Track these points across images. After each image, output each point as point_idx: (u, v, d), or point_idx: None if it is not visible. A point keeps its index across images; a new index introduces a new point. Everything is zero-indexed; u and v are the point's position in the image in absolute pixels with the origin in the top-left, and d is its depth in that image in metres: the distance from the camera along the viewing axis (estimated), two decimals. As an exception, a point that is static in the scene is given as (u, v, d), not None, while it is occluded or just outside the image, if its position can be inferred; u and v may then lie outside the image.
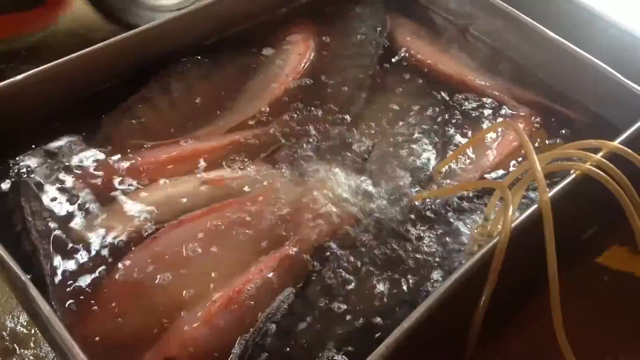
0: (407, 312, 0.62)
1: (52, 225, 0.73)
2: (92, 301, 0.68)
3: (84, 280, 0.70)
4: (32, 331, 0.97)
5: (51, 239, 0.72)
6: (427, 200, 0.80)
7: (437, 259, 0.74)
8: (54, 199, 0.76)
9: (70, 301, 0.68)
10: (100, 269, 0.70)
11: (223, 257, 0.72)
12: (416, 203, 0.78)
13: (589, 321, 0.78)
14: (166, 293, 0.69)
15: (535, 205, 0.64)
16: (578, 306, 0.69)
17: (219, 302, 0.66)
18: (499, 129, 0.88)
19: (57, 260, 0.71)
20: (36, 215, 0.73)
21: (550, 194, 0.63)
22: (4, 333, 0.97)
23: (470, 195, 0.81)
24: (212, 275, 0.71)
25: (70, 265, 0.71)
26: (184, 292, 0.69)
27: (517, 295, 0.78)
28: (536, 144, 0.89)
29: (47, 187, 0.78)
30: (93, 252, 0.72)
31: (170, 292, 0.69)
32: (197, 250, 0.72)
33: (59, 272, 0.70)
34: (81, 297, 0.68)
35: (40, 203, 0.75)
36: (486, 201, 0.79)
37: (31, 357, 0.93)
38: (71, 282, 0.69)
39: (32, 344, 0.96)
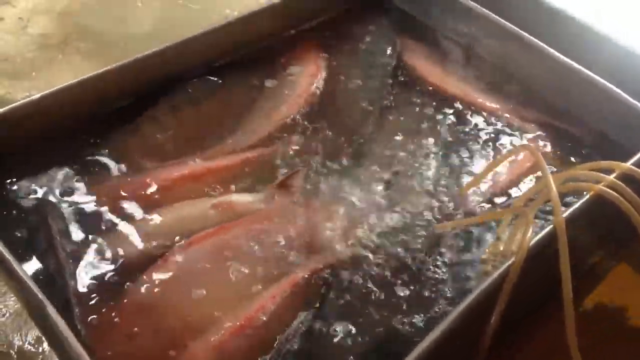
0: (421, 333, 0.62)
1: (72, 246, 0.74)
2: (106, 324, 0.68)
3: (99, 303, 0.70)
4: (40, 349, 0.96)
5: (72, 259, 0.73)
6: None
7: (450, 280, 0.74)
8: (69, 220, 0.77)
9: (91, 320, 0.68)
10: (111, 291, 0.70)
11: (234, 279, 0.72)
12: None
13: (597, 344, 0.77)
14: (177, 318, 0.69)
15: (550, 226, 0.64)
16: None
17: (231, 330, 0.66)
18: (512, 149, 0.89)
19: (79, 280, 0.71)
20: (62, 235, 0.73)
21: (565, 215, 0.63)
22: (12, 351, 0.97)
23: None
24: (223, 297, 0.71)
25: (87, 286, 0.71)
26: (196, 317, 0.69)
27: (525, 316, 0.78)
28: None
29: (62, 207, 0.78)
30: (105, 275, 0.72)
31: (181, 317, 0.69)
32: (206, 273, 0.72)
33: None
34: (96, 320, 0.68)
35: (65, 222, 0.76)
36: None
37: (39, 375, 0.92)
38: (89, 303, 0.70)
39: (39, 363, 0.95)
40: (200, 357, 0.65)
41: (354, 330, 0.68)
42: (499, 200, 0.85)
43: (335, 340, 0.68)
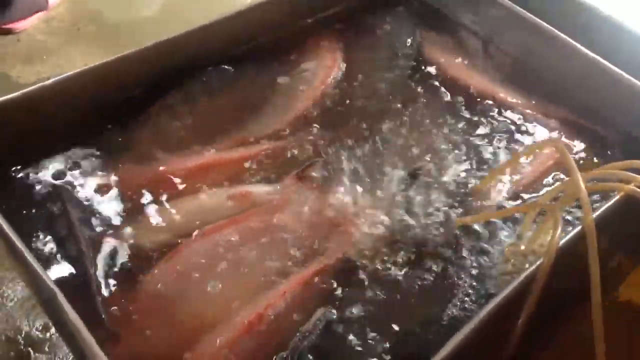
0: (441, 333, 0.61)
1: (91, 233, 0.73)
2: (120, 313, 0.66)
3: (114, 292, 0.68)
4: (47, 335, 0.95)
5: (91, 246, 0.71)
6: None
7: (470, 277, 0.72)
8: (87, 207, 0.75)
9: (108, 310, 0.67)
10: (125, 281, 0.69)
11: (248, 271, 0.71)
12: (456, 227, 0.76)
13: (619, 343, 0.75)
14: (190, 309, 0.67)
15: (579, 227, 0.62)
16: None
17: (239, 327, 0.64)
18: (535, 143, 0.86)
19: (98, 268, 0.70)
20: (82, 222, 0.72)
21: (595, 215, 0.61)
22: (19, 337, 0.96)
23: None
24: (236, 290, 0.69)
25: (104, 274, 0.70)
26: (209, 307, 0.68)
27: (550, 317, 0.76)
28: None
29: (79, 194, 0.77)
30: (120, 264, 0.70)
31: (194, 308, 0.68)
32: (220, 264, 0.71)
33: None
34: (112, 309, 0.67)
35: (83, 210, 0.74)
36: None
37: (46, 362, 0.92)
38: (107, 291, 0.68)
39: (47, 349, 0.94)
40: (209, 355, 0.63)
41: (370, 328, 0.66)
42: (519, 198, 0.83)
43: (351, 337, 0.66)
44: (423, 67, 1.01)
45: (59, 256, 0.69)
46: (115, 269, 0.70)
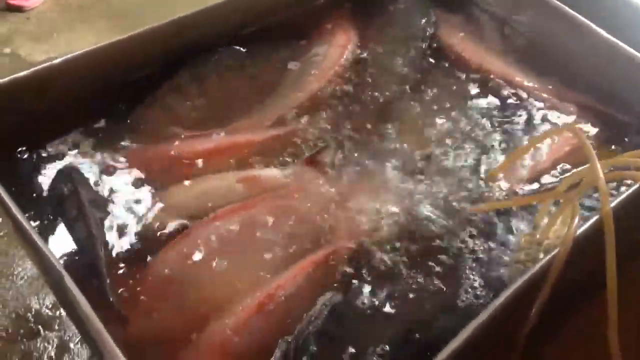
0: (453, 322, 0.59)
1: (101, 214, 0.72)
2: (129, 296, 0.66)
3: (123, 274, 0.68)
4: (57, 313, 0.95)
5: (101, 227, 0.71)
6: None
7: (482, 266, 0.70)
8: (92, 189, 0.74)
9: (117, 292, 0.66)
10: (134, 263, 0.68)
11: (258, 255, 0.70)
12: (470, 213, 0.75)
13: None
14: (199, 292, 0.67)
15: (597, 217, 0.60)
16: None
17: (249, 309, 0.64)
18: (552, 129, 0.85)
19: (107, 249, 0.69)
20: (92, 203, 0.71)
21: (612, 205, 0.60)
22: (29, 314, 0.96)
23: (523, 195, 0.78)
24: (247, 274, 0.68)
25: (114, 256, 0.69)
26: (218, 291, 0.67)
27: (563, 307, 0.75)
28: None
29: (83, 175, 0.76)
30: (130, 246, 0.70)
31: (203, 291, 0.67)
32: (230, 248, 0.70)
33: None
34: (121, 291, 0.66)
35: (93, 191, 0.74)
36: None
37: (55, 340, 0.92)
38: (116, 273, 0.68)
39: (56, 326, 0.94)
40: (217, 340, 0.63)
41: (379, 315, 0.65)
42: (534, 186, 0.81)
43: (360, 323, 0.65)
44: (437, 49, 0.99)
45: (68, 237, 0.68)
46: (125, 251, 0.69)
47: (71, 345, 0.95)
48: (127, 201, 0.74)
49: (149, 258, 0.69)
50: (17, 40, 1.63)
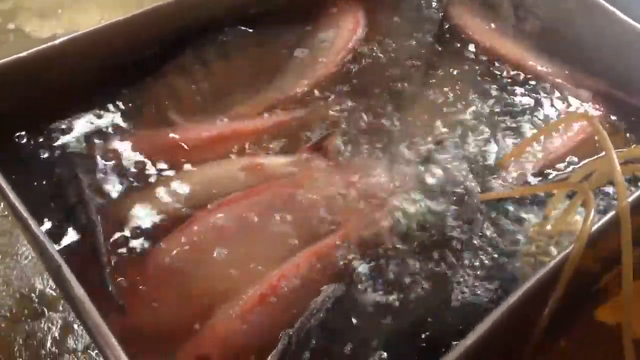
0: (461, 318, 0.58)
1: (102, 201, 0.70)
2: (131, 286, 0.64)
3: (125, 263, 0.66)
4: (62, 294, 0.94)
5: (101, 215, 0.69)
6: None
7: (493, 260, 0.69)
8: (93, 175, 0.73)
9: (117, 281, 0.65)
10: (137, 251, 0.67)
11: (262, 245, 0.68)
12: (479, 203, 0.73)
13: None
14: (201, 282, 0.65)
15: (613, 212, 0.58)
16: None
17: (252, 299, 0.62)
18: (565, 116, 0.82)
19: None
20: (92, 189, 0.70)
21: (630, 199, 0.57)
22: (33, 295, 0.95)
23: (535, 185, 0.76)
24: (250, 263, 0.66)
25: (115, 244, 0.67)
26: (220, 281, 0.65)
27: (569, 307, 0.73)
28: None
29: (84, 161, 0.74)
30: (132, 234, 0.68)
31: (205, 281, 0.65)
32: (234, 237, 0.68)
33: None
34: (122, 281, 0.65)
35: (93, 177, 0.72)
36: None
37: (59, 321, 0.91)
38: (117, 262, 0.66)
39: (60, 307, 0.93)
40: (220, 331, 0.61)
41: (385, 308, 0.64)
42: (546, 174, 0.79)
43: (364, 317, 0.63)
44: (449, 31, 0.96)
45: (68, 224, 0.67)
46: (125, 239, 0.68)
47: (75, 326, 0.94)
48: (128, 188, 0.72)
49: (152, 246, 0.67)
50: (21, 16, 1.60)
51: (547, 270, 0.55)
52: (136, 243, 0.68)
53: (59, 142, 0.75)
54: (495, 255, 0.69)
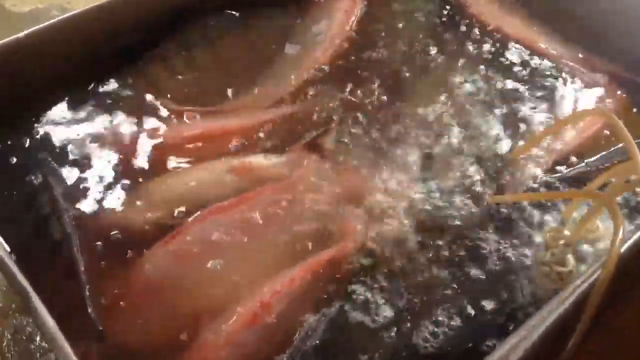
0: (469, 337, 0.55)
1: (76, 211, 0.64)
2: (112, 304, 0.59)
3: (106, 278, 0.60)
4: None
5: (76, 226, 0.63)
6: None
7: (505, 269, 0.63)
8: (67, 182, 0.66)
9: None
10: (118, 266, 0.61)
11: (254, 257, 0.63)
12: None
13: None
14: (189, 297, 0.60)
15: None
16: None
17: (242, 318, 0.57)
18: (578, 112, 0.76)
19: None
20: (67, 198, 0.64)
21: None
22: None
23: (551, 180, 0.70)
24: (241, 277, 0.61)
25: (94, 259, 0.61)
26: (210, 296, 0.60)
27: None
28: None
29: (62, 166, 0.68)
30: (112, 247, 0.62)
31: (193, 297, 0.60)
32: (223, 248, 0.62)
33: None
34: (103, 299, 0.59)
35: (67, 184, 0.66)
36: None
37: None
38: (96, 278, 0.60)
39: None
40: (207, 354, 0.56)
41: (387, 328, 0.58)
42: (561, 168, 0.73)
43: (366, 336, 0.58)
44: (452, 11, 0.90)
45: (39, 240, 0.61)
46: (106, 253, 0.62)
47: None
48: (107, 195, 0.66)
49: (132, 260, 0.61)
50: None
51: (571, 302, 0.49)
52: (117, 257, 0.61)
53: (26, 145, 0.69)
54: (508, 264, 0.63)
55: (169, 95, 0.76)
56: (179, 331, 0.57)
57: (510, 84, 0.81)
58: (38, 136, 0.70)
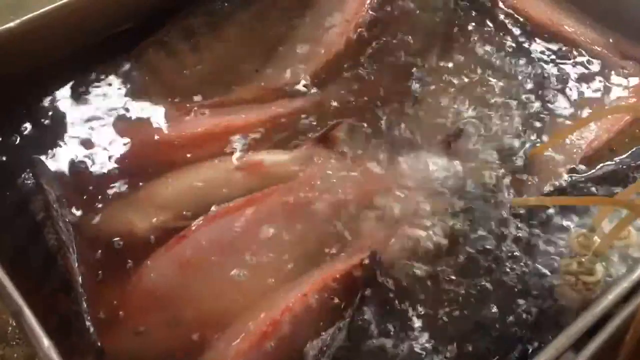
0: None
1: (71, 216, 0.60)
2: (112, 315, 0.56)
3: (106, 288, 0.57)
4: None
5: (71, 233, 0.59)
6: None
7: (525, 278, 0.59)
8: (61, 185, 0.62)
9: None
10: (118, 274, 0.58)
11: (263, 262, 0.59)
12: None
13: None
14: (193, 308, 0.57)
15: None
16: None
17: (251, 338, 0.53)
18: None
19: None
20: (61, 202, 0.60)
21: None
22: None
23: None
24: (251, 286, 0.58)
25: (91, 267, 0.58)
26: (216, 307, 0.57)
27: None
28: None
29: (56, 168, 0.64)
30: (107, 257, 0.58)
31: (198, 308, 0.57)
32: (231, 255, 0.59)
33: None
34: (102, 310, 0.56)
35: (58, 186, 0.62)
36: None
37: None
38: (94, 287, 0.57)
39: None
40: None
41: (405, 342, 0.55)
42: (588, 165, 0.68)
43: (382, 353, 0.54)
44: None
45: (32, 248, 0.57)
46: (103, 261, 0.58)
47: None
48: (106, 199, 0.62)
49: (133, 268, 0.58)
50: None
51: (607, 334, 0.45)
52: (117, 266, 0.58)
53: (17, 143, 0.65)
54: (530, 274, 0.60)
55: (172, 87, 0.72)
56: (183, 348, 0.55)
57: (533, 73, 0.77)
58: (29, 135, 0.66)
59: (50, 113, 0.68)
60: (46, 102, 0.68)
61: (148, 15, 0.76)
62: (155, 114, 0.69)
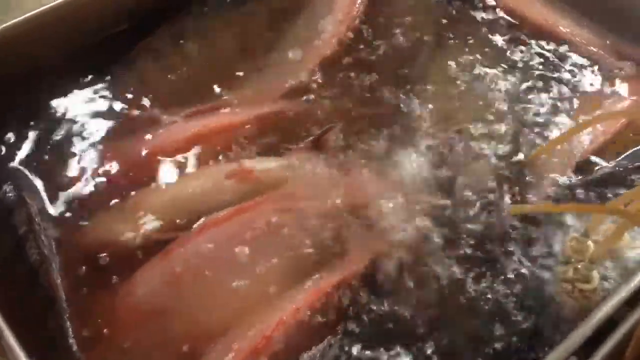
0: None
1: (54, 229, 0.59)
2: (98, 332, 0.54)
3: (91, 304, 0.55)
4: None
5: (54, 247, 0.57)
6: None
7: (523, 286, 0.58)
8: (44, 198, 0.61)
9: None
10: (99, 293, 0.56)
11: (255, 276, 0.57)
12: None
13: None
14: (183, 323, 0.55)
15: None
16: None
17: (242, 355, 0.52)
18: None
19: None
20: (44, 215, 0.58)
21: None
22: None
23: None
24: (241, 300, 0.56)
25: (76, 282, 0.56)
26: (206, 322, 0.55)
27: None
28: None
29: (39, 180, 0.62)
30: (92, 271, 0.57)
31: (188, 322, 0.55)
32: (222, 267, 0.57)
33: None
34: (86, 329, 0.54)
35: (41, 198, 0.60)
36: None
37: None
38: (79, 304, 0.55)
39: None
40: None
41: (401, 353, 0.53)
42: (586, 169, 0.67)
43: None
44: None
45: (13, 265, 0.56)
46: (88, 276, 0.56)
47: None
48: (91, 210, 0.60)
49: (120, 282, 0.56)
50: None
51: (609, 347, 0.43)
52: (102, 281, 0.56)
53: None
54: (527, 280, 0.58)
55: (162, 93, 0.70)
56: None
57: (528, 75, 0.76)
58: (9, 145, 0.64)
59: (31, 124, 0.66)
60: (27, 112, 0.67)
61: (142, 17, 0.75)
62: (143, 121, 0.68)
